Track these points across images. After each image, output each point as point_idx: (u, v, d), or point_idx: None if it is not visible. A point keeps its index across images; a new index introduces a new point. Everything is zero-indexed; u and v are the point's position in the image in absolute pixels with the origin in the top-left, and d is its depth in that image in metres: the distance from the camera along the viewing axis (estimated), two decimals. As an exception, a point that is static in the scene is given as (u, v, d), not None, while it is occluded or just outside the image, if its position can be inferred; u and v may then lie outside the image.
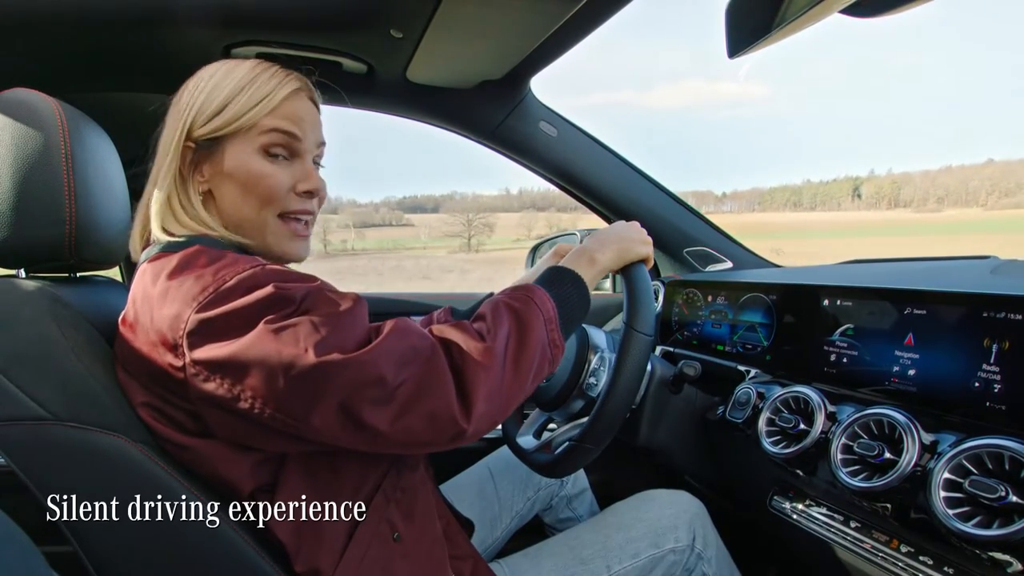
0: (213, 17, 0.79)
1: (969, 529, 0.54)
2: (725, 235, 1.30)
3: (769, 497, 0.81)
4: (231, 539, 0.55)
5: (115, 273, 1.36)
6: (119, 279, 1.22)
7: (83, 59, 0.89)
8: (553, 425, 0.94)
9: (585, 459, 0.74)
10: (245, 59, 0.62)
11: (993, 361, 0.61)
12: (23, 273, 0.62)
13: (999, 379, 0.60)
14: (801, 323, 0.86)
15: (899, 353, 0.70)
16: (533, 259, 1.48)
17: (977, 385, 0.62)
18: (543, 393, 0.88)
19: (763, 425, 0.81)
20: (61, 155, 0.57)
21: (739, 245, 1.29)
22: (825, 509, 0.73)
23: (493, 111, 1.11)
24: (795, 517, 0.77)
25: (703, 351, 1.05)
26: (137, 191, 0.63)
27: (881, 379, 0.72)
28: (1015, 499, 0.53)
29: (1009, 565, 0.53)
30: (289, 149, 0.61)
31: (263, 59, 0.63)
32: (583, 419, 0.76)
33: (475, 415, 0.52)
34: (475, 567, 0.71)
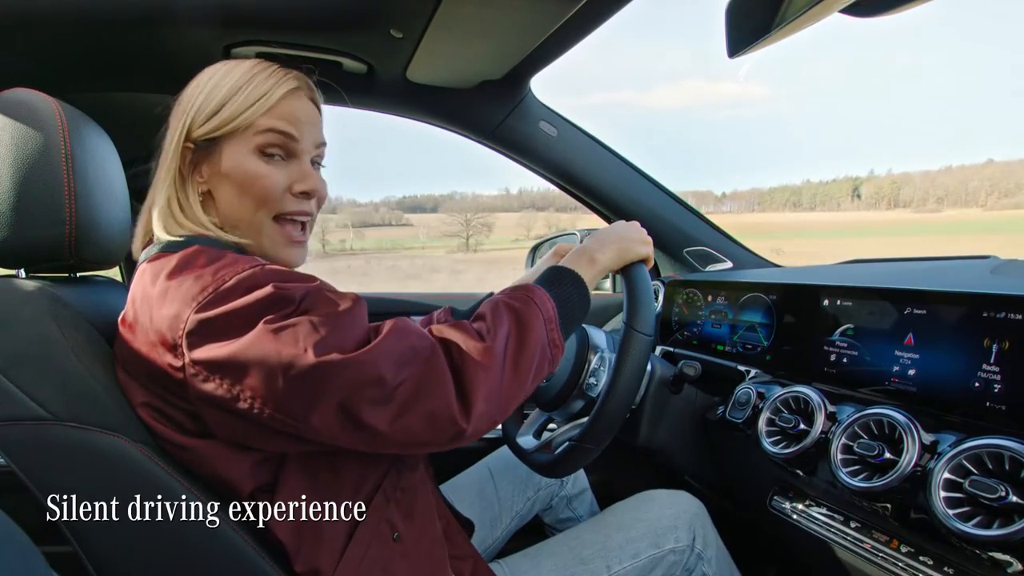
0: (213, 17, 0.79)
1: (969, 529, 0.54)
2: (725, 235, 1.30)
3: (769, 497, 0.81)
4: (231, 539, 0.55)
5: (115, 273, 1.36)
6: (119, 279, 1.22)
7: (83, 59, 0.89)
8: (553, 425, 0.94)
9: (585, 459, 0.74)
10: (247, 59, 0.62)
11: (993, 361, 0.61)
12: (23, 273, 0.62)
13: (999, 379, 0.60)
14: (801, 323, 0.86)
15: (899, 353, 0.70)
16: (533, 259, 1.48)
17: (977, 385, 0.62)
18: (543, 393, 0.88)
19: (763, 425, 0.81)
20: (61, 155, 0.57)
21: (739, 245, 1.29)
22: (825, 509, 0.73)
23: (493, 111, 1.11)
24: (795, 517, 0.77)
25: (703, 351, 1.05)
26: (137, 191, 0.63)
27: (881, 379, 0.72)
28: (1015, 499, 0.53)
29: (1009, 565, 0.53)
30: (285, 149, 0.61)
31: (264, 59, 0.63)
32: (583, 419, 0.76)
33: (474, 415, 0.52)
34: (475, 567, 0.70)
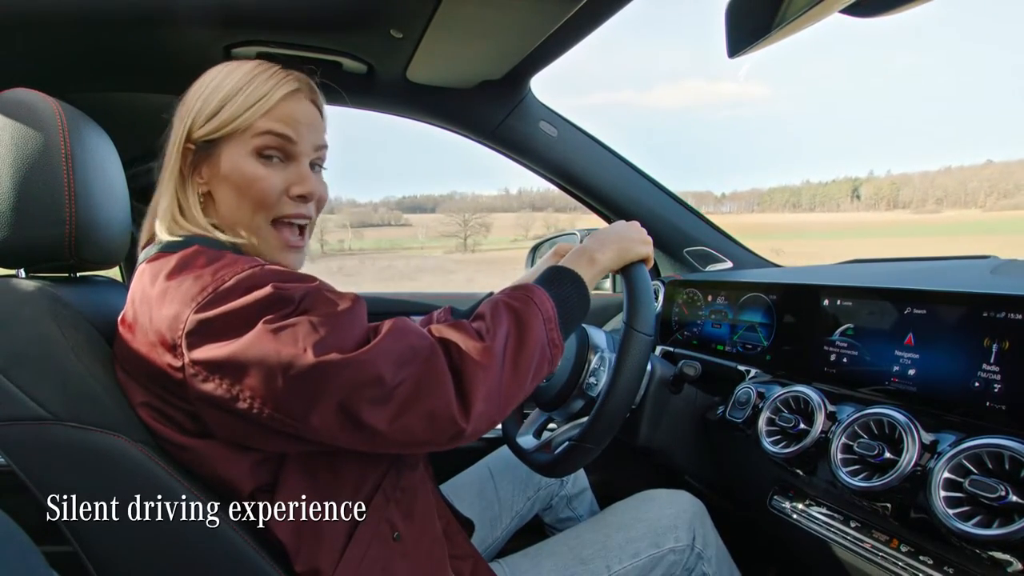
0: (213, 17, 0.79)
1: (969, 529, 0.54)
2: (725, 235, 1.30)
3: (769, 497, 0.81)
4: (231, 539, 0.55)
5: (115, 273, 1.36)
6: (119, 279, 1.22)
7: (83, 59, 0.89)
8: (553, 425, 0.94)
9: (585, 459, 0.74)
10: (249, 60, 0.62)
11: (993, 361, 0.61)
12: (23, 273, 0.62)
13: (999, 379, 0.60)
14: (801, 323, 0.86)
15: (899, 353, 0.70)
16: (533, 259, 1.48)
17: (977, 385, 0.62)
18: (543, 393, 0.88)
19: (763, 425, 0.81)
20: (61, 155, 0.57)
21: (739, 245, 1.29)
22: (825, 509, 0.73)
23: (493, 111, 1.11)
24: (795, 517, 0.77)
25: (703, 351, 1.05)
26: (137, 191, 0.63)
27: (881, 379, 0.72)
28: (1015, 499, 0.53)
29: (1009, 564, 0.53)
30: (283, 151, 0.60)
31: (265, 60, 0.63)
32: (583, 419, 0.76)
33: (474, 415, 0.52)
34: (475, 567, 0.70)
